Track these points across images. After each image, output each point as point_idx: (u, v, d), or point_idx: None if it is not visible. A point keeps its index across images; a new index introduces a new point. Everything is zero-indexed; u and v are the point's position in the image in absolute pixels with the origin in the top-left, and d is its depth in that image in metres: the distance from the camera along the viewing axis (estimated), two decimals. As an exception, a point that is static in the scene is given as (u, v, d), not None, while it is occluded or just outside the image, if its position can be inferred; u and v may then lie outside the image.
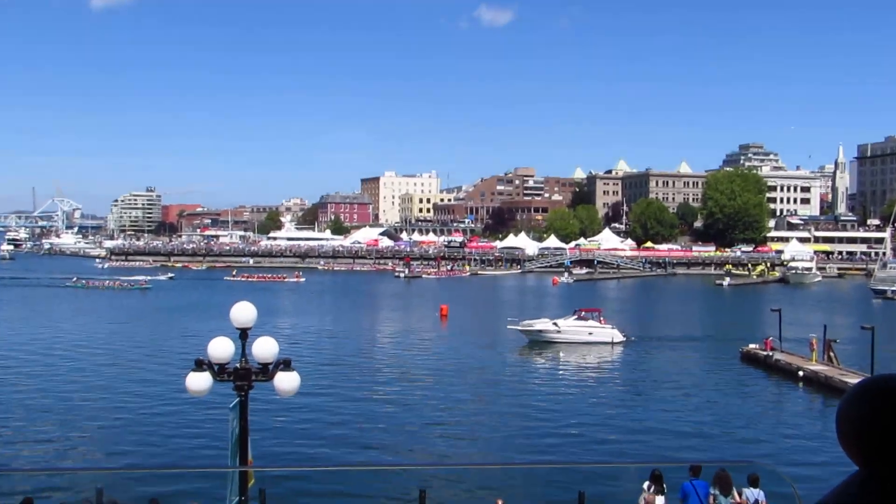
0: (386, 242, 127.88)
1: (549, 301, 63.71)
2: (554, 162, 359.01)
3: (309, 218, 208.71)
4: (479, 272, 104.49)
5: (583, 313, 38.15)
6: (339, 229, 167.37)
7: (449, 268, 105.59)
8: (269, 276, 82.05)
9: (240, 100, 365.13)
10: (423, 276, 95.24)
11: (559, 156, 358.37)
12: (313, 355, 32.32)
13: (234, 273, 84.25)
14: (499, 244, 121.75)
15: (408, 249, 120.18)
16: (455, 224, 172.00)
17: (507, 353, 34.41)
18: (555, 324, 36.75)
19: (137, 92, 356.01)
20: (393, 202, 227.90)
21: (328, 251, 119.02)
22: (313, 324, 44.49)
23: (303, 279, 79.56)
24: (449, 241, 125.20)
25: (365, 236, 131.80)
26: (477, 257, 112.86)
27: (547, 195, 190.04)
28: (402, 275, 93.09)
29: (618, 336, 36.97)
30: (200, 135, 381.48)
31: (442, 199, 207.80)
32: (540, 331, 36.67)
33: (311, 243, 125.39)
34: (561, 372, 30.31)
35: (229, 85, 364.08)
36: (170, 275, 79.79)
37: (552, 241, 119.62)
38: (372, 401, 23.58)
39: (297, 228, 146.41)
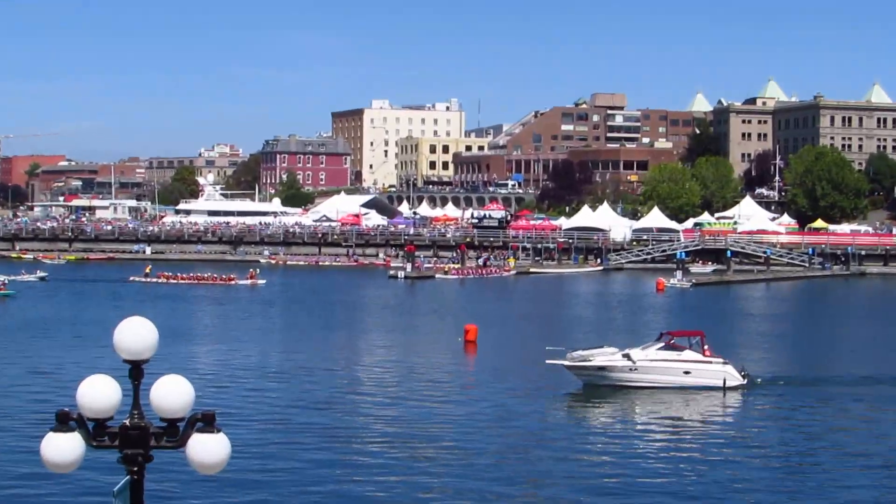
0: (374, 219, 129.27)
1: (650, 319, 64.99)
2: (657, 85, 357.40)
3: (245, 178, 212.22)
4: (532, 269, 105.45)
5: (674, 339, 39.19)
6: (296, 197, 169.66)
7: (481, 261, 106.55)
8: (209, 276, 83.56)
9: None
10: (437, 275, 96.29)
11: (666, 75, 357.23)
12: (255, 407, 33.26)
13: (147, 271, 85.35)
14: (565, 222, 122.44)
15: (411, 231, 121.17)
16: (492, 189, 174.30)
17: (551, 406, 35.80)
18: (626, 356, 38.04)
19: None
20: (386, 152, 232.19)
21: (277, 234, 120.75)
22: (255, 356, 45.19)
23: (261, 281, 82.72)
24: (481, 218, 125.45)
25: (339, 209, 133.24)
26: (528, 244, 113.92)
27: (647, 141, 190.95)
28: (400, 274, 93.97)
29: (733, 376, 37.99)
30: (61, 46, 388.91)
31: (469, 148, 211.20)
32: (603, 368, 38.02)
33: (250, 220, 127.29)
34: (640, 441, 30.89)
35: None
36: (41, 273, 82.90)
37: (655, 219, 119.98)
38: (349, 485, 24.15)
39: (224, 195, 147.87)
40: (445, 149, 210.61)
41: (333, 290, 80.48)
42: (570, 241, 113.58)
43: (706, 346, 38.64)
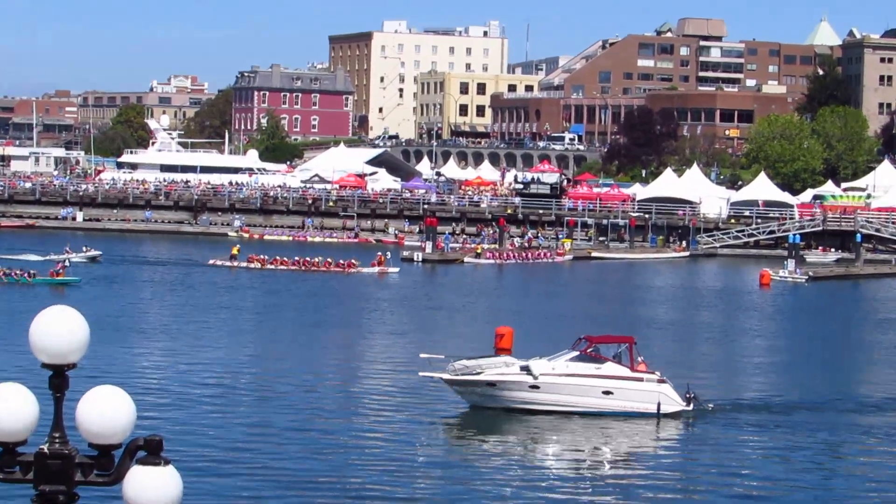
0: (384, 181, 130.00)
1: (749, 325, 65.22)
2: (768, 10, 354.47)
3: (211, 122, 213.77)
4: (595, 253, 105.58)
5: (593, 346, 39.61)
6: (279, 150, 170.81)
7: (525, 240, 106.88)
8: (318, 260, 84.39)
9: None
10: (466, 258, 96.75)
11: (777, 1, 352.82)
12: (216, 434, 34.79)
13: (234, 252, 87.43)
14: (641, 191, 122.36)
15: (433, 198, 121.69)
16: (542, 144, 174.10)
17: (419, 435, 36.73)
18: (526, 369, 38.50)
19: None
20: (401, 91, 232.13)
21: (252, 198, 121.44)
22: (221, 358, 47.24)
23: (392, 269, 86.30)
24: (527, 183, 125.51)
25: (336, 166, 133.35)
26: (590, 219, 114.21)
27: (752, 83, 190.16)
28: (417, 256, 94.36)
29: (671, 399, 38.58)
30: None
31: (513, 88, 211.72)
32: (493, 384, 38.63)
33: (216, 179, 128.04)
34: (529, 490, 31.25)
35: None
36: (91, 252, 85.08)
37: (761, 188, 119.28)
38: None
39: (182, 145, 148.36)
40: (481, 88, 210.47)
41: (326, 278, 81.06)
42: (647, 216, 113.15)
43: (639, 358, 39.23)
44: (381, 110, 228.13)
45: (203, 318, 59.27)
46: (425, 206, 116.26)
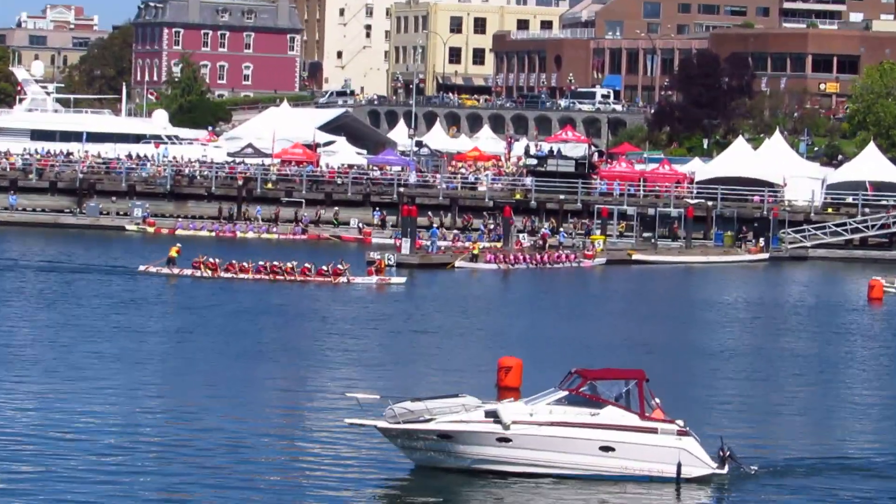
0: (343, 155, 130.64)
1: (854, 353, 65.22)
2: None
3: (104, 72, 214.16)
4: (637, 254, 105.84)
5: (588, 383, 38.82)
6: (199, 109, 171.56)
7: (539, 237, 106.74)
8: (289, 266, 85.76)
9: None
10: (458, 262, 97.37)
11: None
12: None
13: (172, 254, 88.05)
14: (701, 168, 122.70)
15: (411, 178, 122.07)
16: (564, 103, 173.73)
17: None
18: (492, 415, 38.05)
19: None
20: (369, 29, 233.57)
21: (160, 178, 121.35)
22: (118, 404, 47.16)
23: (397, 280, 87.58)
24: (542, 157, 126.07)
25: (278, 133, 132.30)
26: (632, 208, 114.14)
27: (858, 18, 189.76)
28: (390, 258, 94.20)
29: (696, 458, 38.31)
30: None
31: (524, 25, 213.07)
32: (448, 436, 38.26)
33: (109, 150, 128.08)
34: None
35: None
36: None
37: (869, 164, 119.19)
38: None
39: (62, 102, 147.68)
40: (479, 25, 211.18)
41: (305, 292, 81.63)
42: (710, 204, 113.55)
43: (653, 401, 38.40)
44: (339, 55, 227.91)
45: (94, 347, 59.06)
46: (401, 190, 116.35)
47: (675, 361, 60.15)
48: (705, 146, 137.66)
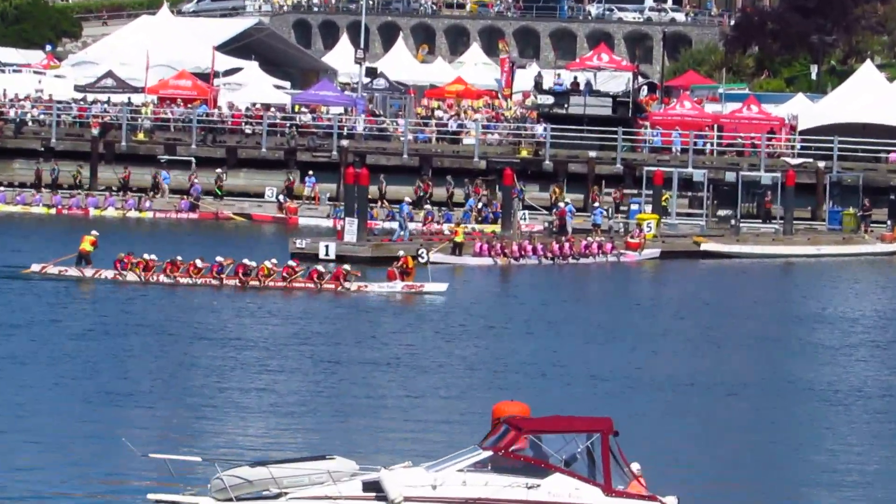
0: (255, 89, 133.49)
1: None
2: None
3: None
4: (706, 244, 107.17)
5: (524, 436, 38.81)
6: (32, 20, 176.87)
7: (555, 214, 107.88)
8: (256, 269, 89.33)
9: None
10: (434, 255, 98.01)
11: None
12: None
13: (83, 249, 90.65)
14: (806, 110, 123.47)
15: (359, 127, 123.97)
16: (594, 10, 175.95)
17: None
18: (374, 489, 38.79)
19: None
20: None
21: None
22: None
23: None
24: (562, 91, 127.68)
25: (152, 57, 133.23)
26: (700, 172, 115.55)
27: None
28: (325, 249, 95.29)
29: None
30: None
31: None
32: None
33: None
34: None
35: None
36: None
37: None
38: None
39: None
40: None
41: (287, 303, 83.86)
42: (822, 166, 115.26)
43: (632, 468, 38.77)
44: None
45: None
46: (344, 144, 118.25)
47: (774, 412, 60.21)
48: (813, 76, 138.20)
